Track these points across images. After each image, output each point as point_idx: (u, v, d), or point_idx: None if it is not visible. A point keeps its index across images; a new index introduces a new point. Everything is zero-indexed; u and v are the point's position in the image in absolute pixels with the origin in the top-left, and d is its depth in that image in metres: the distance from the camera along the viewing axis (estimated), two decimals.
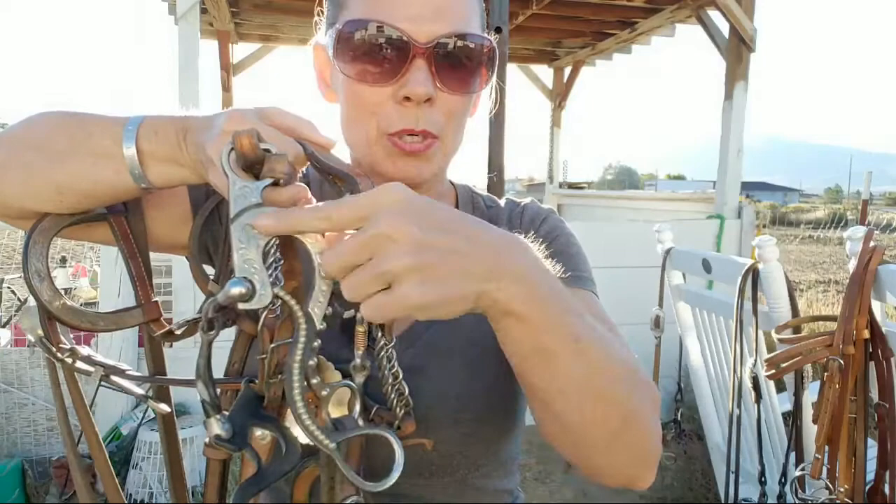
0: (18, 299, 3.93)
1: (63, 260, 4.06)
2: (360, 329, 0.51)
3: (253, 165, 0.47)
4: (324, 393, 0.47)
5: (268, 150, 0.47)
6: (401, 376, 0.56)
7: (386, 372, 0.55)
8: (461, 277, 0.42)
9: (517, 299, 0.45)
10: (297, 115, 0.54)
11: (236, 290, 0.44)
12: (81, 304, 3.23)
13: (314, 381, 0.47)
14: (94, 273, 3.74)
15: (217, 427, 0.45)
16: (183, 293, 2.80)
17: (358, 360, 0.51)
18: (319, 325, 0.46)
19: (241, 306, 0.45)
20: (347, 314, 0.51)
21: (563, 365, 0.48)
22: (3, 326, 3.37)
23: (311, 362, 0.47)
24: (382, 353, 0.54)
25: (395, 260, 0.41)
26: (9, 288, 4.08)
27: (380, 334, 0.53)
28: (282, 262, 0.50)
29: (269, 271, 0.47)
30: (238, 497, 0.47)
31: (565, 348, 0.47)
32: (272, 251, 0.50)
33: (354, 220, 0.42)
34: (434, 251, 0.42)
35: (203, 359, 0.46)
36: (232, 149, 0.46)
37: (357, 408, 0.50)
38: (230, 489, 0.61)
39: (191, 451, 2.48)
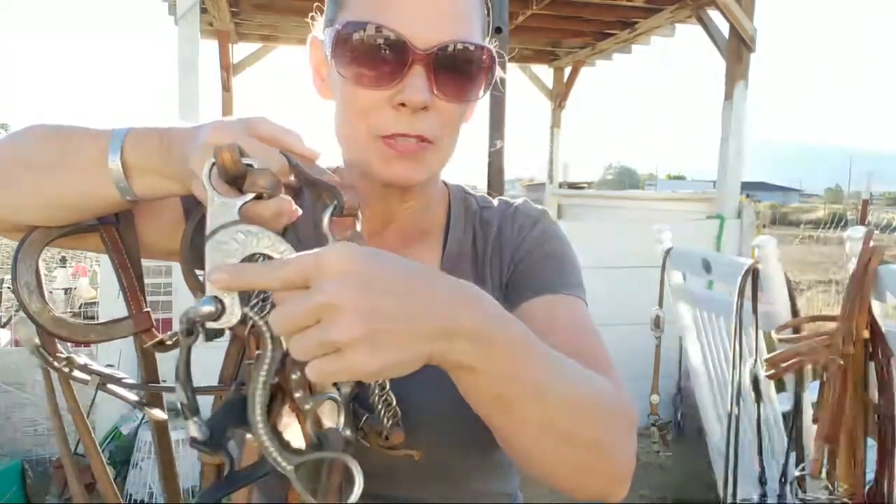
0: (11, 290, 3.92)
1: (63, 260, 4.06)
2: None
3: (236, 179, 0.46)
4: (307, 407, 0.47)
5: (250, 165, 0.47)
6: (388, 387, 0.56)
7: (372, 384, 0.55)
8: (412, 341, 0.42)
9: (470, 356, 0.44)
10: (282, 126, 0.53)
11: (206, 309, 0.44)
12: (81, 304, 3.23)
13: (297, 394, 0.47)
14: (93, 273, 3.74)
15: (194, 430, 0.45)
16: (183, 293, 2.80)
17: None
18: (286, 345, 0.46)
19: (209, 325, 0.45)
20: None
21: (521, 411, 0.48)
22: (3, 327, 3.37)
23: (293, 376, 0.46)
24: None
25: (344, 330, 0.39)
26: (9, 288, 4.08)
27: None
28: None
29: None
30: (204, 497, 0.47)
31: (524, 395, 0.48)
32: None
33: (300, 282, 0.41)
34: (382, 318, 0.40)
35: (182, 362, 0.46)
36: (214, 163, 0.46)
37: (342, 420, 0.50)
38: None
39: (189, 451, 2.48)
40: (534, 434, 0.50)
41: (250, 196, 0.46)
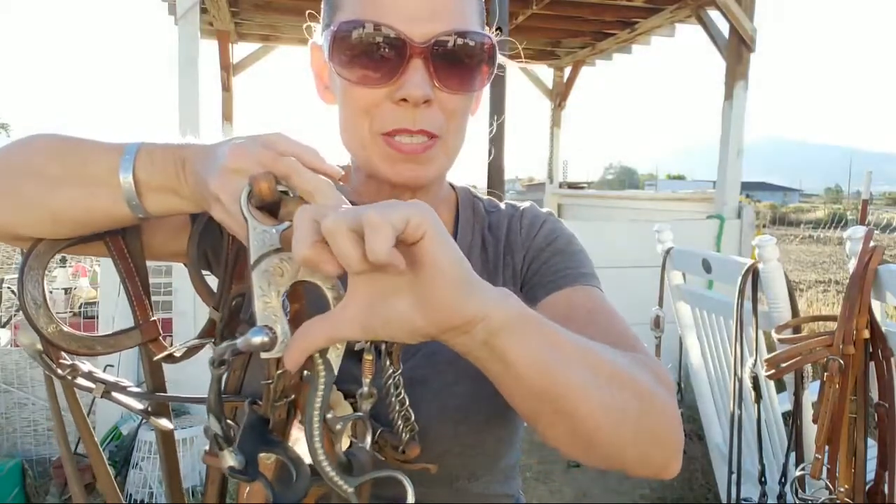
0: (19, 304, 3.90)
1: (63, 260, 4.06)
2: (368, 357, 0.51)
3: (267, 205, 0.47)
4: (338, 427, 0.47)
5: (285, 192, 0.47)
6: (407, 402, 0.56)
7: (393, 399, 0.55)
8: (466, 288, 0.42)
9: (512, 326, 0.44)
10: (300, 143, 0.51)
11: (258, 339, 0.43)
12: (81, 304, 3.21)
13: (328, 415, 0.47)
14: (93, 273, 3.74)
15: (230, 459, 0.45)
16: (183, 293, 2.80)
17: (365, 388, 0.51)
18: (336, 370, 0.46)
19: (262, 355, 0.44)
20: (359, 346, 0.51)
21: (571, 361, 0.48)
22: (3, 326, 3.37)
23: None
24: (390, 382, 0.54)
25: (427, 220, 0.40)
26: (9, 288, 4.07)
27: (388, 363, 0.53)
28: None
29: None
30: None
31: (569, 344, 0.48)
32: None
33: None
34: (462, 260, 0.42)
35: (213, 393, 0.46)
36: (250, 191, 0.46)
37: (368, 439, 0.50)
38: (230, 491, 0.61)
39: (190, 451, 2.48)
40: (592, 386, 0.48)
41: (287, 223, 0.46)
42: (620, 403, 0.50)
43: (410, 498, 0.44)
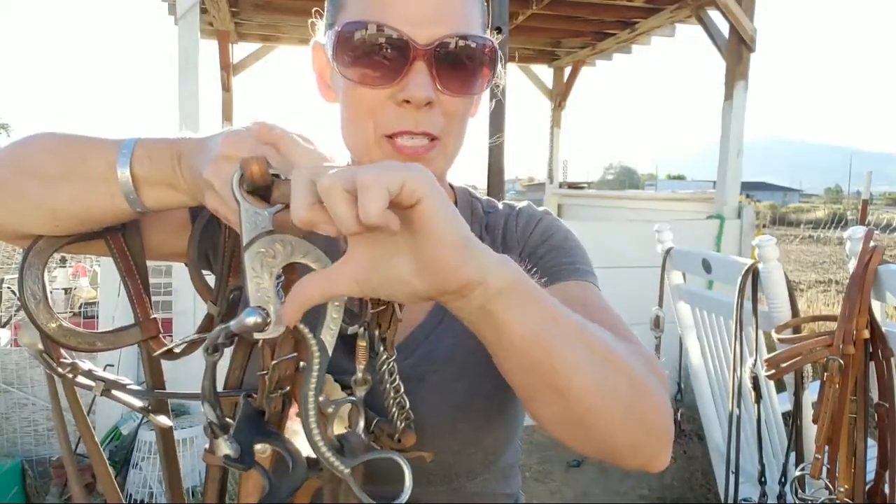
0: (18, 299, 3.89)
1: (63, 260, 4.05)
2: (362, 344, 0.51)
3: (259, 190, 0.47)
4: (329, 410, 0.47)
5: (276, 176, 0.47)
6: (402, 390, 0.56)
7: (387, 386, 0.55)
8: (466, 248, 0.41)
9: (510, 289, 0.44)
10: (292, 132, 0.52)
11: (251, 320, 0.43)
12: (81, 304, 3.21)
13: (319, 398, 0.47)
14: (94, 273, 3.74)
15: (226, 447, 0.45)
16: (183, 293, 2.80)
17: (360, 375, 0.51)
18: (331, 351, 0.46)
19: (255, 335, 0.44)
20: (352, 330, 0.51)
21: (566, 335, 0.47)
22: (3, 326, 3.37)
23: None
24: (384, 368, 0.54)
25: (425, 181, 0.39)
26: (9, 288, 4.07)
27: (381, 348, 0.53)
28: (282, 278, 0.50)
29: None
30: None
31: (565, 319, 0.48)
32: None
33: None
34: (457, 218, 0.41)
35: (208, 381, 0.46)
36: (241, 175, 0.46)
37: (361, 423, 0.50)
38: (230, 492, 0.61)
39: (191, 451, 2.48)
40: (584, 362, 0.48)
41: (280, 206, 0.46)
42: (613, 384, 0.50)
43: (407, 479, 0.45)
